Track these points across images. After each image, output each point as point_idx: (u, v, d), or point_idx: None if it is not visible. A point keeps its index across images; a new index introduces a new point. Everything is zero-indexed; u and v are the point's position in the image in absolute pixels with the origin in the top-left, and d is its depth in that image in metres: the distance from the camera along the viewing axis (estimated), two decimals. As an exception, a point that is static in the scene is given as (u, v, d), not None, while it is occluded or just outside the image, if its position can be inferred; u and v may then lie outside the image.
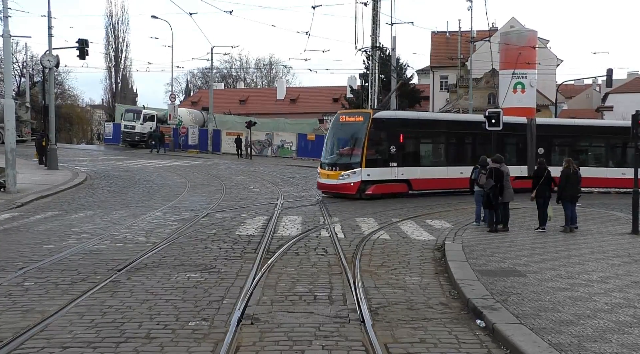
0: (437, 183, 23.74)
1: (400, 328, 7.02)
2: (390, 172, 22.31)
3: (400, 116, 24.43)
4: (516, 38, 47.51)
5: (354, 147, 22.01)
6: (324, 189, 22.51)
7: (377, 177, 21.88)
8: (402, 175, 22.56)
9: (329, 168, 22.17)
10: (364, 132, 21.62)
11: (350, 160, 21.91)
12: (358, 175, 21.47)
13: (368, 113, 22.32)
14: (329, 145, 23.18)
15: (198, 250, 11.80)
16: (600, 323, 6.88)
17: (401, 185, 22.74)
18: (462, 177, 22.89)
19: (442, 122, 26.01)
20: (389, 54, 40.54)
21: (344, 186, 21.59)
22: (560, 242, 13.01)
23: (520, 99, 46.64)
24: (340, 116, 23.44)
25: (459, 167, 23.56)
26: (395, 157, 22.45)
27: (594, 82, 76.41)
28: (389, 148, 22.38)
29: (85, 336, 6.67)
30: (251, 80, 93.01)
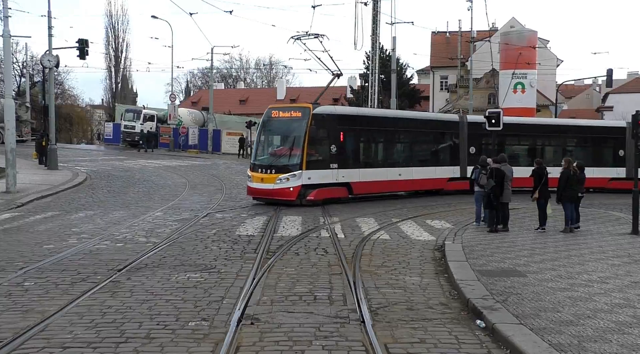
0: (377, 186, 21.93)
1: (400, 328, 7.02)
2: (331, 174, 20.09)
3: (340, 112, 22.16)
4: (516, 38, 47.56)
5: (292, 147, 19.61)
6: (256, 195, 19.91)
7: (318, 181, 19.67)
8: (343, 177, 20.41)
9: (262, 171, 19.57)
10: (303, 130, 19.25)
11: (288, 161, 19.46)
12: (298, 178, 19.10)
13: (307, 108, 19.71)
14: (260, 144, 20.77)
15: (198, 250, 11.80)
16: (600, 323, 6.87)
17: (341, 189, 20.69)
18: (400, 180, 22.42)
19: (382, 119, 23.61)
20: (389, 54, 40.54)
21: (282, 191, 19.13)
22: (560, 242, 13.01)
23: (520, 99, 46.71)
24: (273, 111, 20.52)
25: (398, 169, 22.61)
26: (336, 158, 20.27)
27: (594, 82, 76.44)
28: (330, 147, 20.12)
29: (85, 336, 6.67)
30: (251, 80, 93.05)
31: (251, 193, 20.10)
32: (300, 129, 19.36)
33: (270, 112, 20.56)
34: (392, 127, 23.21)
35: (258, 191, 19.67)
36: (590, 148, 28.51)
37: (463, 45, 53.35)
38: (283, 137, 20.58)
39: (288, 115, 20.14)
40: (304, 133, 19.24)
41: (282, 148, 20.27)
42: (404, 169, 22.79)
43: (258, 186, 19.54)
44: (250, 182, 19.97)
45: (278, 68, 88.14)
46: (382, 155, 23.26)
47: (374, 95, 36.79)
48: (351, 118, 21.73)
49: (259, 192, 19.65)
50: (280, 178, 19.12)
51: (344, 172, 20.42)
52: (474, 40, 45.20)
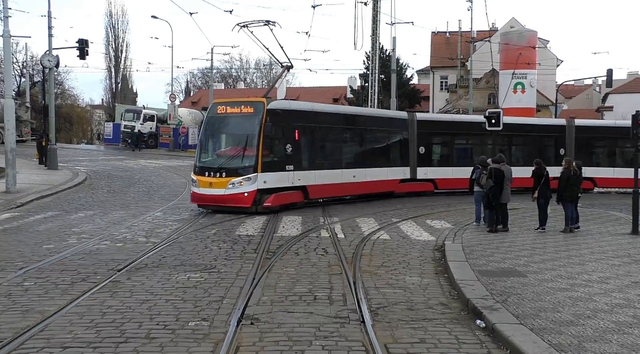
0: (332, 190, 20.29)
1: (400, 328, 7.02)
2: (287, 177, 18.17)
3: (295, 107, 19.79)
4: (516, 38, 47.56)
5: (245, 147, 17.53)
6: (204, 202, 17.58)
7: (274, 184, 17.65)
8: (299, 181, 18.58)
9: (211, 174, 17.30)
10: (257, 127, 17.27)
11: (242, 163, 17.34)
12: (253, 182, 17.04)
13: (261, 103, 17.68)
14: (206, 144, 18.66)
15: (198, 250, 11.80)
16: (600, 324, 6.87)
17: (297, 193, 18.78)
18: (354, 182, 20.93)
19: (335, 116, 21.62)
20: (389, 54, 40.56)
21: (235, 197, 17.00)
22: (560, 242, 13.01)
23: (520, 99, 46.70)
24: (219, 107, 18.36)
25: (352, 170, 20.99)
26: (291, 159, 18.39)
27: (594, 82, 76.45)
28: (285, 147, 18.21)
29: (85, 336, 6.66)
30: (251, 80, 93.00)
31: (197, 200, 17.70)
32: (254, 126, 17.34)
33: (215, 108, 18.46)
34: (344, 124, 21.61)
35: (205, 197, 17.37)
36: (531, 146, 27.48)
37: (463, 45, 53.36)
38: (233, 135, 18.52)
39: (237, 110, 17.92)
40: (258, 131, 17.23)
41: (233, 148, 18.11)
42: (358, 170, 21.27)
43: (206, 192, 17.27)
44: (195, 188, 17.63)
45: (278, 69, 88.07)
46: (337, 155, 21.08)
47: (374, 95, 36.80)
48: (305, 115, 19.75)
49: (207, 199, 17.37)
50: (232, 183, 16.97)
51: (299, 175, 18.58)
52: (474, 40, 45.20)
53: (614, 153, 28.97)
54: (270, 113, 17.59)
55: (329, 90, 72.05)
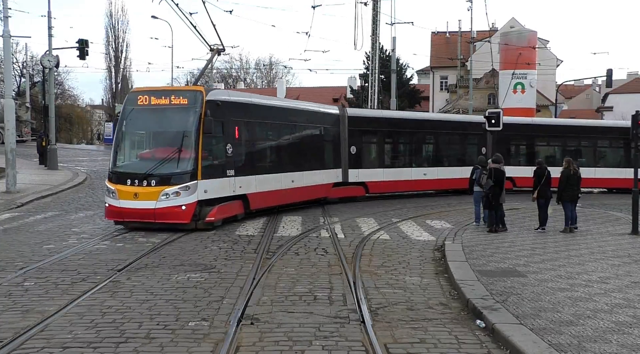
0: (273, 198, 17.23)
1: (400, 328, 7.02)
2: (228, 184, 15.05)
3: (235, 99, 16.37)
4: (516, 38, 47.57)
5: (181, 147, 14.09)
6: (127, 218, 14.04)
7: (216, 194, 14.56)
8: (240, 188, 15.48)
9: (135, 183, 13.86)
10: (195, 122, 14.08)
11: (177, 168, 13.97)
12: (192, 192, 13.82)
13: (198, 93, 14.45)
14: (125, 143, 15.06)
15: (198, 250, 11.81)
16: (600, 324, 6.87)
17: (237, 203, 15.67)
18: (293, 188, 18.15)
19: (272, 110, 18.36)
20: (389, 54, 40.56)
21: (169, 211, 13.70)
22: (560, 242, 13.01)
23: (520, 99, 46.71)
24: (140, 96, 14.67)
25: (290, 174, 18.19)
26: (232, 162, 15.30)
27: (593, 83, 76.47)
28: (226, 148, 15.08)
29: (85, 336, 6.67)
30: (251, 81, 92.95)
31: (115, 215, 14.15)
32: (190, 121, 14.15)
33: (135, 98, 14.77)
34: (282, 120, 18.49)
35: (129, 212, 13.84)
36: (457, 146, 26.45)
37: (463, 46, 53.35)
38: (163, 133, 14.98)
39: (166, 101, 14.44)
40: (196, 127, 14.04)
41: (165, 149, 14.44)
42: (296, 174, 18.56)
43: (129, 205, 13.76)
44: (112, 199, 14.05)
45: (278, 69, 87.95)
46: (276, 157, 18.26)
47: (374, 95, 36.79)
48: (245, 108, 16.57)
49: (131, 214, 13.84)
50: (166, 193, 13.65)
51: (240, 181, 15.47)
52: (474, 40, 45.17)
53: (534, 151, 27.75)
54: (210, 106, 14.36)
55: (329, 90, 72.04)
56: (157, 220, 13.78)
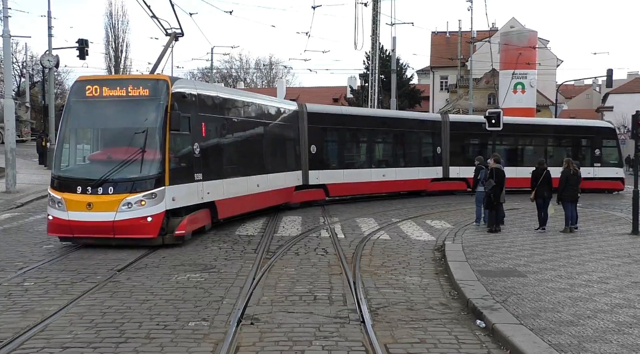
0: (241, 204, 15.20)
1: (400, 329, 7.02)
2: (196, 190, 12.97)
3: (203, 91, 14.07)
4: (516, 38, 47.58)
5: (144, 147, 11.89)
6: (78, 233, 11.75)
7: (184, 202, 12.52)
8: (208, 194, 13.43)
9: (88, 190, 11.62)
10: (160, 118, 11.99)
11: (141, 172, 11.83)
12: (160, 200, 11.72)
13: (163, 83, 12.31)
14: (71, 143, 12.79)
15: (198, 250, 11.81)
16: (600, 324, 6.87)
17: (205, 212, 13.62)
18: (259, 192, 16.19)
19: (237, 104, 15.96)
20: (389, 54, 40.56)
21: (133, 224, 11.56)
22: (560, 242, 13.01)
23: (520, 99, 46.72)
24: (89, 86, 12.36)
25: (256, 177, 16.13)
26: (200, 164, 13.21)
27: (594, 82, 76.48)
28: (194, 147, 13.01)
29: (85, 336, 6.67)
30: (251, 81, 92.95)
31: (62, 230, 11.88)
32: (154, 117, 12.08)
33: (83, 89, 12.41)
34: (244, 115, 16.11)
35: (82, 226, 11.55)
36: (411, 144, 25.11)
37: (463, 45, 53.36)
38: (119, 130, 12.56)
39: (122, 92, 12.26)
40: (161, 123, 11.95)
41: (123, 149, 12.12)
42: (262, 177, 16.52)
43: (82, 217, 11.49)
44: (58, 211, 11.81)
45: (278, 69, 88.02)
46: (240, 158, 15.84)
47: (374, 95, 36.78)
48: (212, 101, 14.39)
49: (85, 228, 11.57)
50: (128, 202, 11.51)
51: (208, 186, 13.43)
52: (474, 40, 45.17)
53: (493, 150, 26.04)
54: (177, 98, 12.33)
55: (329, 90, 72.07)
56: (118, 234, 11.59)
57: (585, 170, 25.51)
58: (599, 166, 27.96)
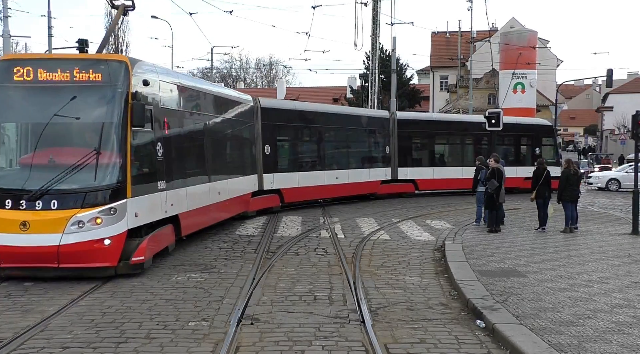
0: (204, 217, 12.86)
1: (400, 329, 7.02)
2: (159, 202, 10.49)
3: (164, 77, 11.27)
4: (516, 38, 47.60)
5: (99, 148, 9.30)
6: (8, 262, 9.12)
7: (148, 217, 10.08)
8: (172, 207, 10.97)
9: (22, 206, 9.03)
10: (119, 110, 9.48)
11: (95, 180, 9.25)
12: (121, 216, 9.28)
13: (122, 65, 9.74)
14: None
15: (198, 250, 11.81)
16: (600, 324, 6.87)
17: (168, 228, 11.04)
18: (220, 201, 13.76)
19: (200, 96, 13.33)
20: (389, 54, 40.57)
21: (86, 250, 9.03)
22: (560, 242, 13.01)
23: (521, 99, 46.75)
24: (17, 68, 9.61)
25: (217, 183, 13.58)
26: (163, 170, 10.68)
27: (594, 83, 76.60)
28: (156, 148, 10.46)
29: (85, 336, 6.67)
30: (251, 80, 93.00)
31: None
32: (110, 109, 9.48)
33: (10, 70, 9.62)
34: (201, 109, 13.31)
35: (13, 253, 9.01)
36: (362, 143, 22.99)
37: (463, 45, 53.40)
38: (62, 126, 9.64)
39: (65, 76, 9.57)
40: (120, 117, 9.38)
41: (68, 151, 9.60)
42: (222, 183, 14.02)
43: (13, 241, 8.92)
44: None
45: (278, 69, 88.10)
46: (201, 161, 13.12)
47: (374, 95, 36.79)
48: (173, 91, 11.70)
49: (17, 256, 9.03)
50: (79, 220, 8.94)
51: (172, 197, 10.99)
52: (474, 40, 45.21)
53: (436, 150, 25.68)
54: (140, 85, 9.86)
55: (329, 90, 72.12)
56: (63, 263, 8.99)
57: (527, 169, 23.98)
58: None
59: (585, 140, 76.12)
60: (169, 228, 11.14)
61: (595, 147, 71.22)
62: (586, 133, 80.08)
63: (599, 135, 73.54)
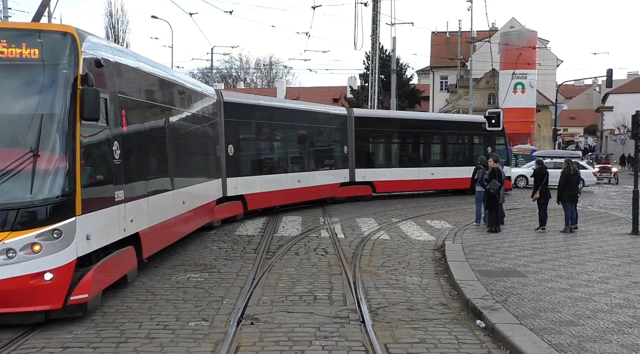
0: (167, 232, 10.70)
1: (400, 329, 7.02)
2: (117, 218, 8.34)
3: (122, 59, 9.05)
4: (516, 38, 47.62)
5: (37, 148, 6.99)
6: None
7: (102, 240, 7.88)
8: (132, 223, 8.79)
9: None
10: (64, 97, 7.24)
11: (32, 192, 6.88)
12: (68, 241, 6.98)
13: (66, 38, 7.39)
14: None
15: (198, 250, 11.82)
16: (600, 324, 6.87)
17: (127, 252, 8.77)
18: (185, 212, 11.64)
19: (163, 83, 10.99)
20: (389, 54, 40.56)
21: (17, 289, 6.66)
22: (560, 242, 13.01)
23: (521, 99, 46.78)
24: None
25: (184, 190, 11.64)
26: (121, 175, 8.50)
27: (594, 83, 76.65)
28: (112, 148, 8.26)
29: (85, 336, 6.67)
30: (251, 81, 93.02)
31: None
32: (52, 96, 7.28)
33: None
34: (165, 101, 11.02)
35: None
36: (322, 142, 21.18)
37: (463, 46, 53.39)
38: None
39: None
40: (66, 108, 7.24)
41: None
42: (187, 191, 11.93)
43: None
44: None
45: (278, 69, 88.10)
46: (167, 163, 10.93)
47: (374, 95, 36.80)
48: (133, 76, 9.47)
49: None
50: (8, 248, 6.71)
51: (131, 210, 8.78)
52: (474, 40, 45.18)
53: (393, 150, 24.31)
54: (92, 66, 7.63)
55: (329, 90, 72.13)
56: None
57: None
58: None
59: (585, 140, 76.24)
60: (128, 251, 8.74)
61: (595, 147, 71.30)
62: (586, 133, 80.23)
63: (599, 135, 73.65)
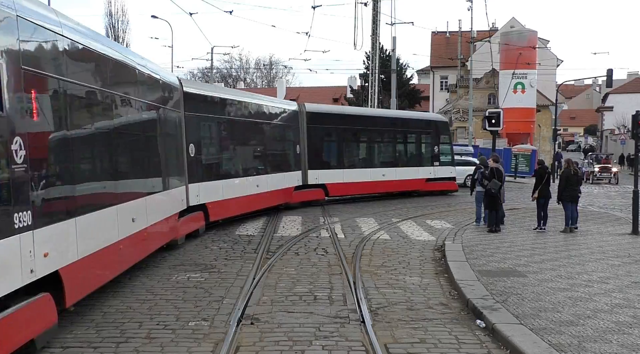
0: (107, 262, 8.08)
1: (400, 328, 7.02)
2: (18, 255, 5.50)
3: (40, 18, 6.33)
4: (516, 38, 47.58)
5: None
6: None
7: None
8: (45, 258, 6.02)
9: None
10: None
11: None
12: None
13: None
14: None
15: (198, 250, 11.82)
16: (600, 324, 6.87)
17: (39, 301, 5.99)
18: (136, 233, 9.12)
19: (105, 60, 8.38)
20: (389, 54, 40.55)
21: None
22: (560, 242, 13.01)
23: (521, 99, 46.72)
24: None
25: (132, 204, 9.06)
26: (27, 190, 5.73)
27: (594, 82, 76.65)
28: (11, 149, 5.46)
29: (85, 336, 6.67)
30: (251, 80, 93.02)
31: None
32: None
33: None
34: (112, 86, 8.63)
35: None
36: (278, 142, 19.18)
37: (463, 45, 53.35)
38: None
39: None
40: None
41: None
42: (139, 203, 9.53)
43: None
44: None
45: (278, 68, 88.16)
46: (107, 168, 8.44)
47: (374, 95, 36.78)
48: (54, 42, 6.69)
49: None
50: None
51: (45, 238, 6.08)
52: (474, 40, 45.17)
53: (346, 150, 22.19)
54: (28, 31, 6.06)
55: (329, 90, 72.13)
56: None
57: (427, 170, 24.03)
58: (438, 165, 24.73)
59: (586, 140, 76.26)
60: (45, 299, 6.18)
61: (595, 147, 71.31)
62: (586, 133, 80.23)
63: (599, 135, 73.65)
